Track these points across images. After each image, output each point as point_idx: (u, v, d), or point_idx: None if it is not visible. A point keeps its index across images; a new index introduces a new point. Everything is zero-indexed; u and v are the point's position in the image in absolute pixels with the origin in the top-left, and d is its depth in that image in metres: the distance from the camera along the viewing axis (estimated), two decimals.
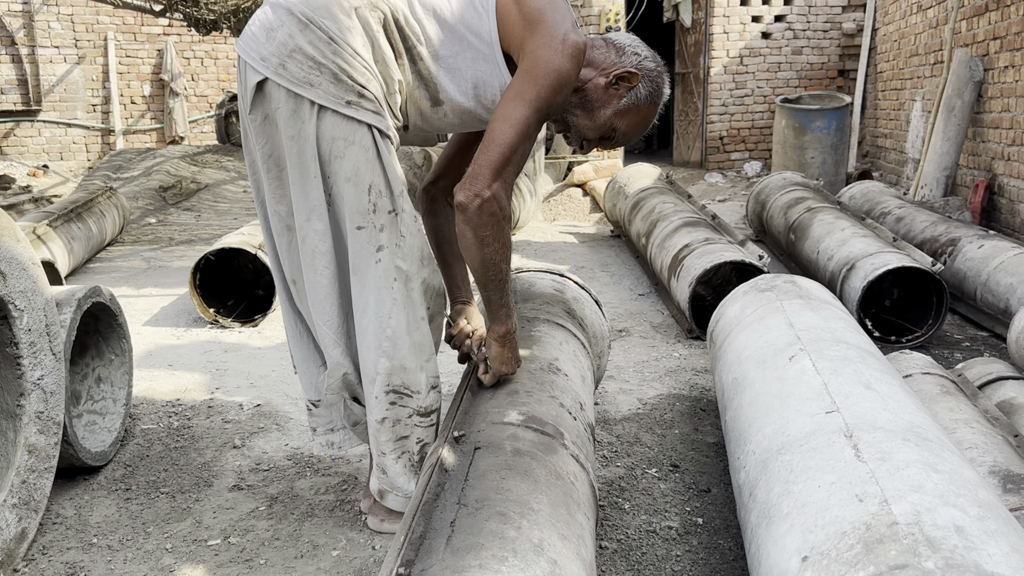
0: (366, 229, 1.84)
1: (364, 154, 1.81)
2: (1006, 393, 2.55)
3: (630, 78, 1.91)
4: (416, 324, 1.91)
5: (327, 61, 1.77)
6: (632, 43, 1.97)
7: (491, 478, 1.48)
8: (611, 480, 2.35)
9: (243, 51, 1.82)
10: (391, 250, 1.85)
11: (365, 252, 1.85)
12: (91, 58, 11.09)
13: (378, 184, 1.83)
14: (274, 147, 1.86)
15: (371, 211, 1.83)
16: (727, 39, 9.30)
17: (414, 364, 1.92)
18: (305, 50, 1.77)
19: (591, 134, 1.98)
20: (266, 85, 1.80)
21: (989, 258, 3.89)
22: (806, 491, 1.47)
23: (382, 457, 1.98)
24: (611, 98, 1.92)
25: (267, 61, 1.78)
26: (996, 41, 5.61)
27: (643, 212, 5.31)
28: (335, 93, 1.78)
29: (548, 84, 1.77)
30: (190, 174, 8.59)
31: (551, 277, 2.75)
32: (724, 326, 2.60)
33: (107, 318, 2.68)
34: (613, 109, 1.93)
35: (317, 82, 1.77)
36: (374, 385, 1.92)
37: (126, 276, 5.21)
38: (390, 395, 1.92)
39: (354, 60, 1.79)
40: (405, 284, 1.88)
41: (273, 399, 3.01)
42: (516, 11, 1.83)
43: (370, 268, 1.86)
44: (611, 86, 1.92)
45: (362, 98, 1.80)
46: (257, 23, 1.82)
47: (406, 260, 1.88)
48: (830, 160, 7.79)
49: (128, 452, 2.58)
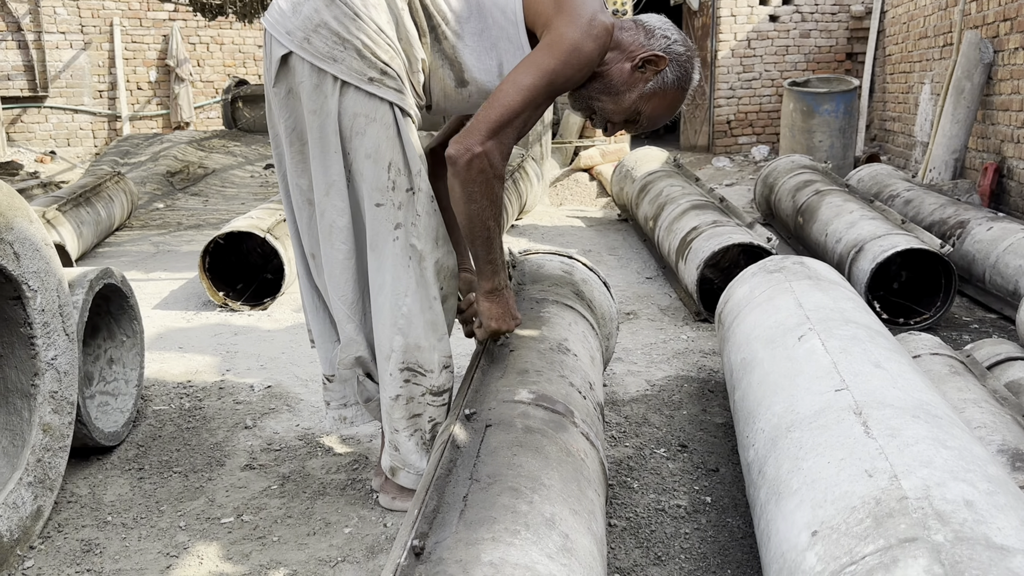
0: (385, 206, 1.85)
1: (385, 131, 1.82)
2: (1015, 374, 2.56)
3: (657, 61, 1.89)
4: (429, 303, 1.93)
5: (351, 37, 1.78)
6: (663, 26, 1.95)
7: (503, 454, 1.50)
8: (620, 460, 2.37)
9: (269, 24, 1.84)
10: (407, 228, 1.87)
11: (383, 229, 1.86)
12: (97, 44, 11.10)
13: (397, 162, 1.84)
14: (297, 121, 1.88)
15: (390, 188, 1.84)
16: (735, 22, 9.25)
17: (428, 343, 1.94)
18: (330, 25, 1.78)
19: (616, 117, 1.96)
20: (291, 59, 1.81)
21: (998, 240, 3.88)
22: (815, 467, 1.47)
23: (395, 434, 2.00)
24: (637, 81, 1.90)
25: (292, 35, 1.80)
26: (1006, 23, 5.56)
27: (650, 195, 5.30)
28: (358, 69, 1.79)
29: (565, 59, 1.77)
30: (197, 159, 8.60)
31: (560, 259, 2.75)
32: (733, 307, 2.61)
33: (118, 300, 2.69)
34: (639, 92, 1.91)
35: (341, 57, 1.78)
36: (389, 362, 1.94)
37: (135, 260, 5.23)
38: (404, 372, 1.94)
39: (378, 37, 1.80)
40: (419, 263, 1.89)
41: (284, 380, 3.03)
42: None
43: (388, 245, 1.87)
44: (638, 69, 1.90)
45: (384, 75, 1.81)
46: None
47: (420, 239, 1.89)
48: (838, 143, 7.76)
49: (140, 432, 2.60)
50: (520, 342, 2.08)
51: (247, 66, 12.04)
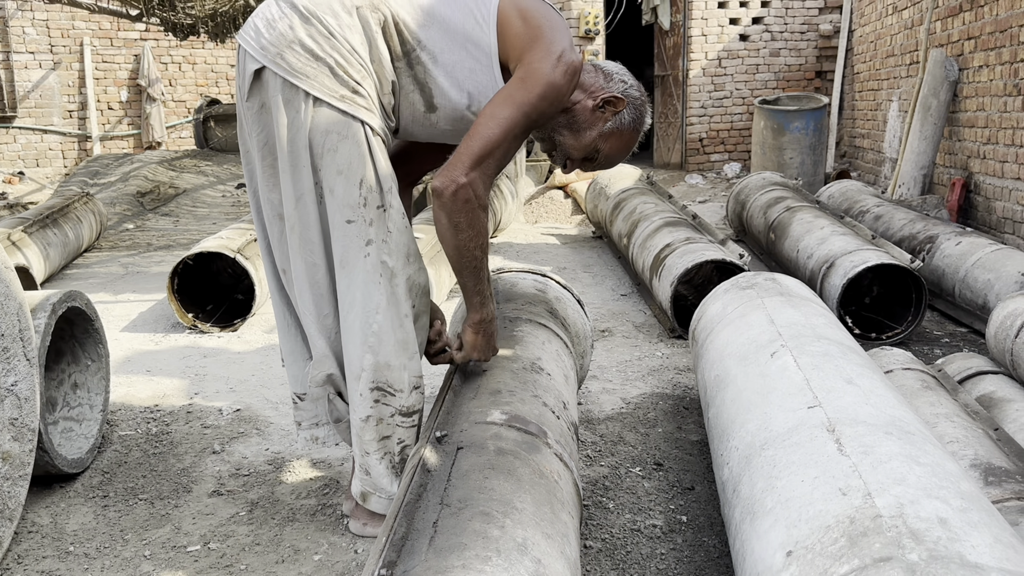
0: (356, 223, 1.85)
1: (356, 148, 1.84)
2: (986, 387, 2.57)
3: (616, 103, 1.96)
4: (400, 321, 1.91)
5: (325, 55, 1.81)
6: (619, 71, 2.04)
7: (474, 477, 1.47)
8: (595, 479, 2.35)
9: (243, 40, 1.86)
10: (378, 245, 1.87)
11: (354, 246, 1.86)
12: (67, 64, 10.99)
13: (369, 179, 1.85)
14: (268, 136, 1.88)
15: (361, 205, 1.85)
16: (705, 41, 9.35)
17: (398, 362, 1.92)
18: (304, 42, 1.81)
19: (575, 154, 2.02)
20: (263, 74, 1.84)
21: (967, 255, 3.92)
22: (789, 486, 1.46)
23: (365, 457, 1.97)
24: (597, 120, 1.98)
25: (266, 50, 1.82)
26: (970, 41, 5.66)
27: (624, 213, 5.32)
28: (330, 87, 1.81)
29: (539, 93, 1.82)
30: (168, 179, 8.52)
31: (533, 277, 2.74)
32: (706, 324, 2.60)
33: (83, 323, 2.64)
34: (598, 131, 1.98)
35: (313, 74, 1.81)
36: (359, 382, 1.92)
37: (103, 282, 5.15)
38: (374, 392, 1.92)
39: (351, 57, 1.83)
40: (391, 280, 1.89)
41: (253, 404, 2.98)
42: (519, 25, 1.88)
43: (359, 262, 1.87)
44: (598, 109, 1.97)
45: (356, 94, 1.84)
46: (260, 15, 1.87)
47: (392, 256, 1.89)
48: (808, 160, 7.84)
49: (106, 459, 2.54)
50: (493, 362, 2.06)
51: (219, 86, 11.97)
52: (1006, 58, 5.12)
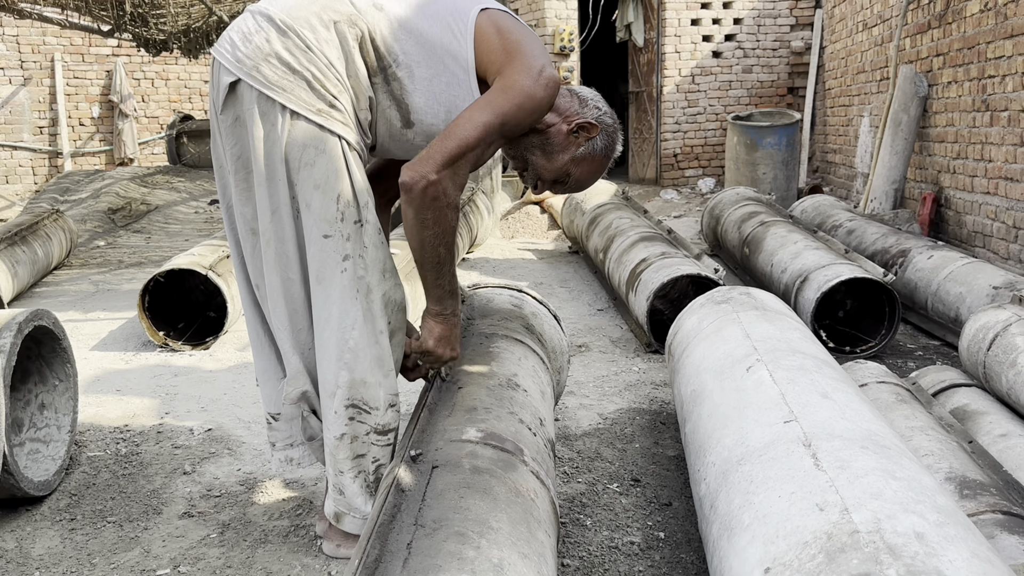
0: (333, 238, 1.83)
1: (333, 163, 1.82)
2: (959, 400, 2.59)
3: (590, 129, 1.99)
4: (376, 338, 1.89)
5: (302, 68, 1.80)
6: (594, 97, 2.06)
7: (449, 497, 1.45)
8: (572, 496, 2.33)
9: (218, 53, 1.84)
10: (355, 260, 1.85)
11: (331, 261, 1.84)
12: (37, 79, 10.86)
13: (346, 193, 1.83)
14: (243, 149, 1.86)
15: (339, 220, 1.83)
16: (679, 58, 9.43)
17: (373, 379, 1.89)
18: (281, 55, 1.80)
19: (547, 175, 2.04)
20: (239, 87, 1.82)
21: (939, 268, 3.96)
22: (767, 501, 1.45)
23: (339, 476, 1.93)
24: (570, 144, 2.00)
25: (241, 63, 1.80)
26: (939, 57, 5.76)
27: (600, 228, 5.32)
28: (307, 100, 1.80)
29: (518, 102, 1.82)
30: (140, 195, 8.43)
31: (509, 293, 2.72)
32: (682, 339, 2.60)
33: (50, 342, 2.59)
34: (571, 155, 2.01)
35: (290, 87, 1.79)
36: (333, 399, 1.89)
37: (73, 300, 5.07)
38: (349, 410, 1.89)
39: (328, 71, 1.82)
40: (366, 296, 1.87)
41: (225, 423, 2.93)
42: (497, 40, 1.89)
43: (335, 278, 1.84)
44: (572, 133, 1.99)
45: (333, 108, 1.82)
46: (235, 29, 1.86)
47: (368, 271, 1.87)
48: (781, 175, 7.91)
49: (73, 481, 2.48)
50: (468, 378, 2.04)
51: (192, 101, 11.89)
52: (974, 74, 5.21)
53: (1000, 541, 1.72)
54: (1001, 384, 2.58)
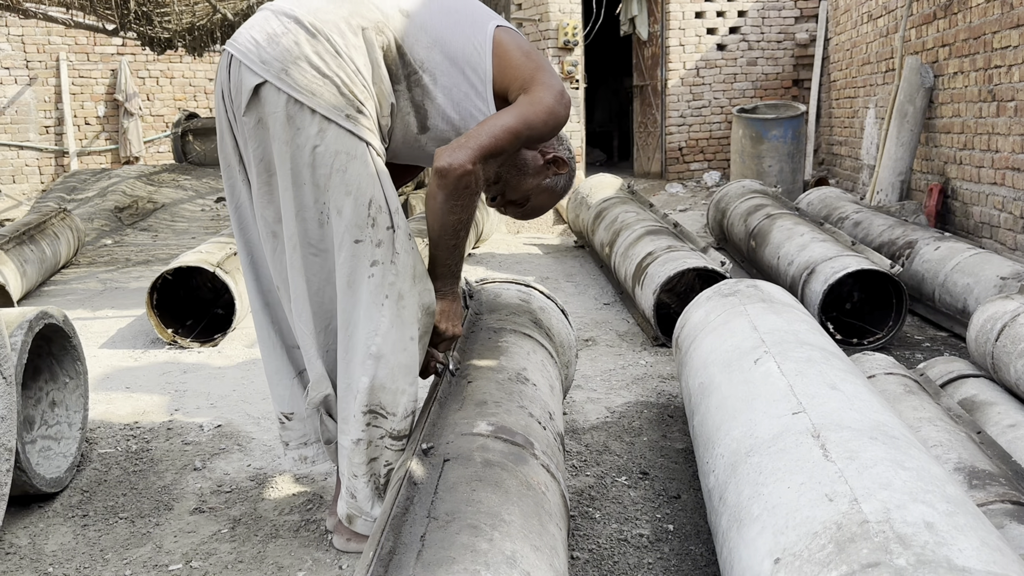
0: (363, 243, 1.82)
1: (365, 168, 1.81)
2: (967, 391, 2.59)
3: (561, 165, 2.11)
4: (404, 344, 1.88)
5: (331, 73, 1.78)
6: (566, 138, 2.20)
7: (461, 490, 1.46)
8: (581, 489, 2.34)
9: (240, 53, 1.80)
10: (385, 266, 1.84)
11: (360, 266, 1.83)
12: (43, 79, 10.89)
13: (378, 199, 1.83)
14: (266, 151, 1.84)
15: (370, 225, 1.82)
16: (683, 51, 9.41)
17: (395, 386, 1.88)
18: (311, 59, 1.77)
19: (512, 195, 2.12)
20: (263, 89, 1.78)
21: (946, 259, 3.96)
22: (776, 492, 1.46)
23: (354, 480, 1.92)
24: (540, 173, 2.10)
25: (268, 65, 1.77)
26: (945, 48, 5.74)
27: (606, 222, 5.32)
28: (336, 105, 1.78)
29: (544, 117, 1.90)
30: (146, 194, 8.45)
31: (516, 288, 2.73)
32: (689, 331, 2.61)
33: (60, 340, 2.60)
34: (538, 182, 2.11)
35: (320, 92, 1.77)
36: (354, 403, 1.88)
37: (82, 298, 5.09)
38: (367, 415, 1.87)
39: (356, 77, 1.81)
40: (397, 302, 1.85)
41: (234, 419, 2.95)
42: (521, 58, 1.95)
43: (363, 283, 1.83)
44: (546, 164, 2.10)
45: (360, 114, 1.82)
46: (257, 28, 1.81)
47: (400, 277, 1.86)
48: (787, 168, 7.90)
49: (85, 477, 2.50)
50: (478, 373, 2.05)
51: (197, 100, 11.90)
52: (980, 64, 5.19)
53: (1010, 531, 1.73)
54: (1009, 374, 2.58)
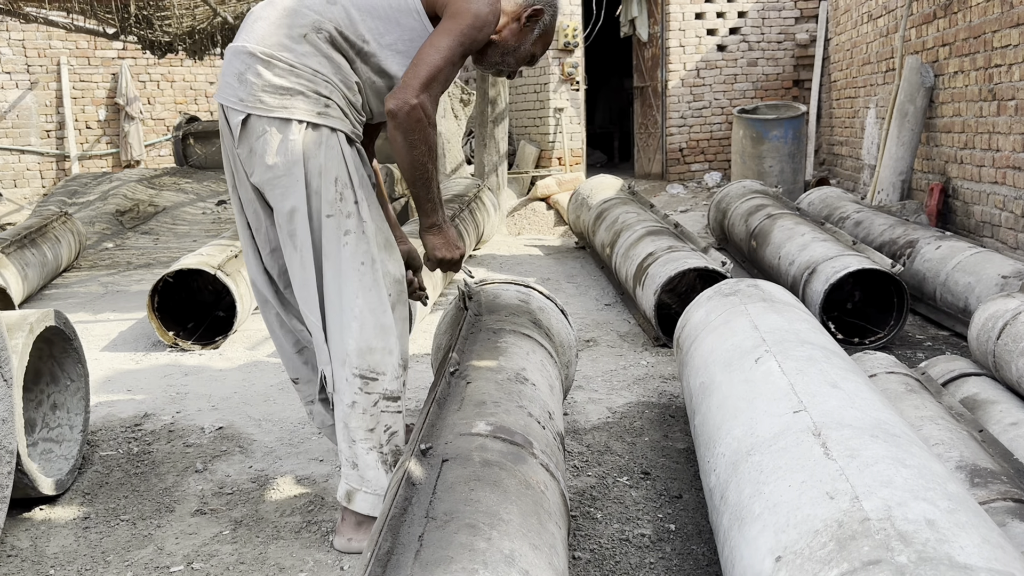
0: (334, 216, 2.02)
1: (330, 151, 2.02)
2: (969, 389, 2.58)
3: (537, 14, 2.24)
4: (382, 307, 2.04)
5: (294, 85, 2.01)
6: None
7: (460, 490, 1.46)
8: (582, 490, 2.33)
9: (222, 98, 2.06)
10: (356, 235, 2.02)
11: (334, 238, 2.02)
12: (44, 83, 10.90)
13: (343, 177, 2.03)
14: (262, 173, 2.04)
15: (338, 199, 2.02)
16: (683, 52, 9.41)
17: (380, 345, 2.03)
18: (274, 83, 2.01)
19: (518, 64, 2.31)
20: (249, 120, 2.02)
21: (947, 258, 3.95)
22: (777, 491, 1.46)
23: (352, 446, 2.03)
24: (526, 33, 2.25)
25: (244, 101, 2.02)
26: (945, 47, 5.73)
27: (607, 223, 5.32)
28: (307, 108, 2.01)
29: (471, 23, 2.05)
30: (147, 197, 8.46)
31: (516, 288, 2.73)
32: (690, 331, 2.60)
33: (61, 343, 2.60)
34: (530, 41, 2.27)
35: (291, 104, 2.01)
36: (344, 367, 2.02)
37: (83, 302, 5.09)
38: (357, 380, 2.02)
39: (316, 78, 2.03)
40: (372, 267, 2.03)
41: (236, 421, 2.95)
42: None
43: (339, 252, 2.02)
44: (524, 25, 2.24)
45: (328, 108, 2.04)
46: (228, 72, 2.06)
47: (370, 244, 2.04)
48: (788, 168, 7.89)
49: (86, 480, 2.50)
50: (477, 373, 2.05)
51: (198, 103, 11.92)
52: (980, 64, 5.19)
53: (1011, 528, 1.72)
54: (1011, 373, 2.57)
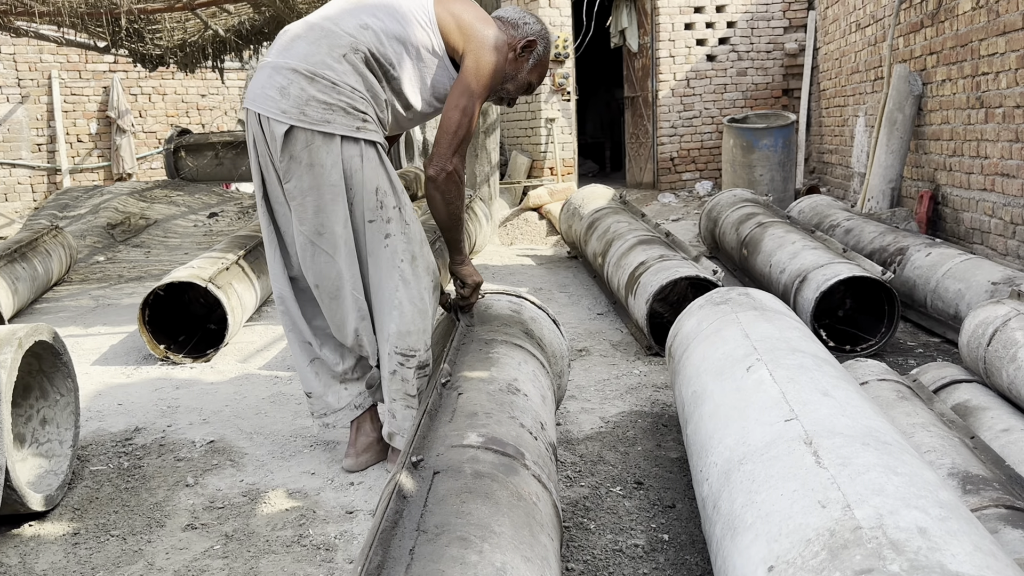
0: (375, 222, 2.33)
1: (371, 163, 2.30)
2: (960, 396, 2.59)
3: (531, 45, 2.48)
4: (421, 295, 2.38)
5: (335, 101, 2.24)
6: (520, 16, 2.52)
7: (451, 502, 1.45)
8: (576, 500, 2.33)
9: (262, 109, 2.26)
10: (398, 236, 2.34)
11: (376, 240, 2.34)
12: (35, 97, 10.90)
13: (384, 186, 2.32)
14: (299, 180, 2.28)
15: (378, 207, 2.32)
16: (673, 62, 9.45)
17: (416, 327, 2.38)
18: (317, 97, 2.23)
19: (515, 94, 2.56)
20: (291, 132, 2.24)
21: (937, 265, 3.97)
22: (769, 500, 1.45)
23: (393, 403, 2.43)
24: (521, 64, 2.50)
25: (287, 113, 2.23)
26: (933, 56, 5.77)
27: (598, 232, 5.33)
28: (347, 123, 2.25)
29: (486, 77, 2.36)
30: (139, 210, 8.44)
31: (507, 298, 2.73)
32: (682, 340, 2.60)
33: (51, 357, 2.59)
34: (526, 71, 2.51)
35: (333, 119, 2.24)
36: (387, 344, 2.39)
37: (74, 316, 5.07)
38: (397, 356, 2.38)
39: (355, 95, 2.27)
40: (411, 263, 2.36)
41: (227, 435, 2.93)
42: (454, 26, 2.38)
43: (381, 252, 2.34)
44: (520, 55, 2.47)
45: (365, 123, 2.30)
46: (269, 85, 2.25)
47: (412, 242, 2.36)
48: (778, 177, 7.92)
49: (76, 495, 2.48)
50: (469, 384, 2.04)
51: (190, 115, 11.92)
52: (968, 72, 5.22)
53: (1004, 535, 1.72)
54: (1002, 379, 2.58)
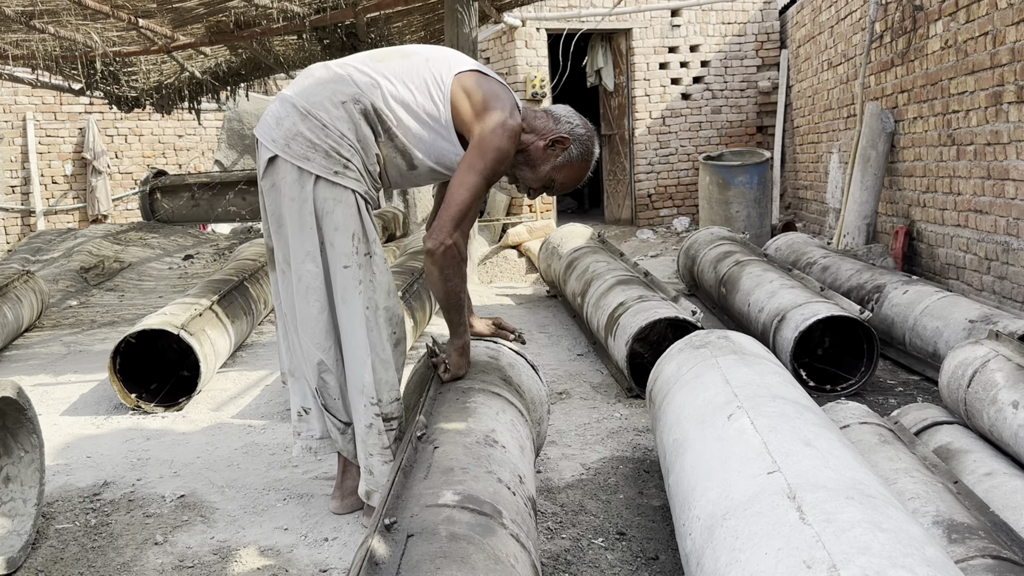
0: (351, 268, 2.31)
1: (348, 210, 2.30)
2: (942, 438, 2.57)
3: (563, 142, 2.42)
4: (383, 344, 2.33)
5: (320, 142, 2.28)
6: (567, 114, 2.49)
7: (425, 568, 1.40)
8: (556, 554, 2.27)
9: (259, 134, 2.35)
10: (367, 284, 2.32)
11: (351, 285, 2.32)
12: (9, 139, 10.82)
13: (359, 233, 2.31)
14: (276, 207, 2.35)
15: (355, 253, 2.31)
16: (649, 101, 9.55)
17: (386, 377, 2.33)
18: (304, 134, 2.29)
19: (534, 184, 2.49)
20: (276, 160, 2.31)
21: (915, 303, 3.98)
22: (753, 559, 1.42)
23: (369, 459, 2.36)
24: (549, 157, 2.43)
25: (276, 142, 2.31)
26: (904, 94, 5.86)
27: (577, 271, 5.32)
28: (326, 165, 2.28)
29: (492, 159, 2.29)
30: (113, 253, 8.34)
31: (484, 344, 2.69)
32: (662, 385, 2.57)
33: (15, 413, 2.51)
34: (551, 165, 2.44)
35: (313, 157, 2.28)
36: (362, 395, 2.33)
37: (44, 363, 4.96)
38: (374, 406, 2.32)
39: (342, 141, 2.30)
40: (375, 312, 2.32)
41: (198, 488, 2.85)
42: (466, 104, 2.34)
43: (355, 298, 2.32)
44: (548, 147, 2.42)
45: (347, 169, 2.30)
46: (271, 114, 2.35)
47: (377, 292, 2.33)
48: (754, 213, 7.98)
49: (40, 556, 2.40)
50: (445, 437, 2.00)
51: (166, 156, 11.87)
52: (938, 109, 5.30)
53: None
54: (983, 421, 2.56)
